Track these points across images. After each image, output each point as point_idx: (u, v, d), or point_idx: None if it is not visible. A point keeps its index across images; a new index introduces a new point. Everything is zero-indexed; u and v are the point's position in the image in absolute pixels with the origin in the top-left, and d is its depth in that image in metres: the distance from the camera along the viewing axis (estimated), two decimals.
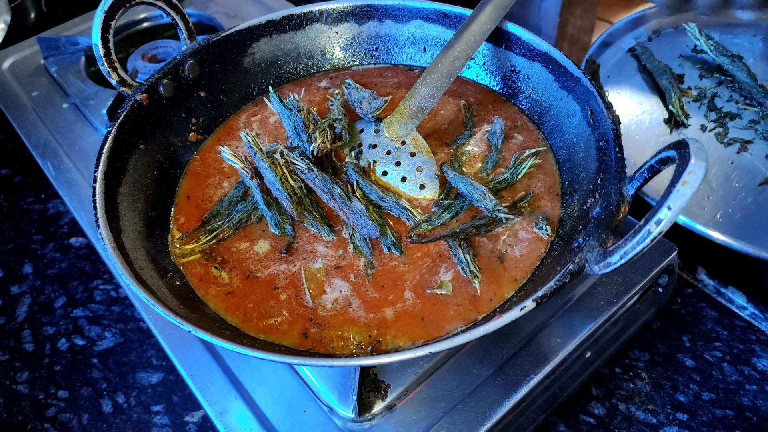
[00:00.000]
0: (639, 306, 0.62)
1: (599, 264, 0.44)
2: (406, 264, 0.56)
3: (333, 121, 0.63)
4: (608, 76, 0.81)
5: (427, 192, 0.61)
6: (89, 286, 0.75)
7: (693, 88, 0.78)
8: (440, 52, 0.64)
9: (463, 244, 0.56)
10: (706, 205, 0.65)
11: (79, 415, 0.63)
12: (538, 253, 0.56)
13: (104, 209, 0.54)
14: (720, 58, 0.80)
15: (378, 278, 0.55)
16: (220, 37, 0.69)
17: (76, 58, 0.94)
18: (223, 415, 0.55)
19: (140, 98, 0.63)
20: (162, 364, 0.66)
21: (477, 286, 0.53)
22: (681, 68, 0.81)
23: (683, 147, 0.41)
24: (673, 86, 0.76)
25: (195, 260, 0.58)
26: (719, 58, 0.80)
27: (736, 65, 0.78)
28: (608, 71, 0.81)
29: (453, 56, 0.63)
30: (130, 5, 0.64)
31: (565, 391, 0.59)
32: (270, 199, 0.59)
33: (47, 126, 0.85)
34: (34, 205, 0.85)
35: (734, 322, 0.65)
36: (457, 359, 0.56)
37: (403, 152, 0.63)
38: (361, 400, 0.52)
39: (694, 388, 0.61)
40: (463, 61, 0.63)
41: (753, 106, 0.75)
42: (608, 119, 0.53)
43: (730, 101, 0.76)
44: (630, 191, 0.47)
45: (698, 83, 0.79)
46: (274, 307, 0.54)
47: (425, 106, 0.63)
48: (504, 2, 0.65)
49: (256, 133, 0.67)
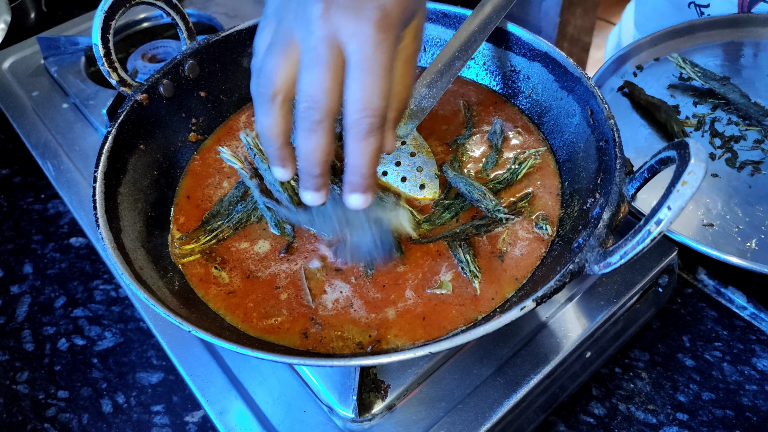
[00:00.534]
0: (639, 306, 0.62)
1: (599, 264, 0.44)
2: (407, 264, 0.56)
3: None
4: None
5: (427, 192, 0.61)
6: (89, 286, 0.75)
7: (691, 117, 0.78)
8: (440, 52, 0.64)
9: (463, 244, 0.56)
10: (739, 235, 0.65)
11: (79, 415, 0.63)
12: (538, 253, 0.56)
13: (104, 209, 0.54)
14: (710, 83, 0.80)
15: (379, 278, 0.55)
16: (220, 37, 0.69)
17: (76, 58, 0.94)
18: (223, 415, 0.55)
19: (140, 98, 0.63)
20: (162, 364, 0.66)
21: (477, 286, 0.53)
22: (674, 99, 0.81)
23: (683, 147, 0.41)
24: (672, 118, 0.76)
25: (195, 260, 0.58)
26: (709, 83, 0.80)
27: (728, 88, 0.78)
28: None
29: (453, 56, 0.63)
30: (130, 5, 0.64)
31: (565, 391, 0.60)
32: (270, 199, 0.59)
33: (47, 126, 0.85)
34: (34, 205, 0.85)
35: (734, 322, 0.65)
36: (457, 359, 0.56)
37: (403, 152, 0.63)
38: (361, 400, 0.52)
39: (694, 388, 0.61)
40: (463, 61, 0.63)
41: (754, 126, 0.75)
42: (608, 119, 0.53)
43: (729, 124, 0.76)
44: (630, 191, 0.47)
45: (694, 111, 0.79)
46: (274, 307, 0.54)
47: (425, 106, 0.63)
48: (504, 2, 0.65)
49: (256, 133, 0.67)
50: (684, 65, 0.81)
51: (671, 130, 0.75)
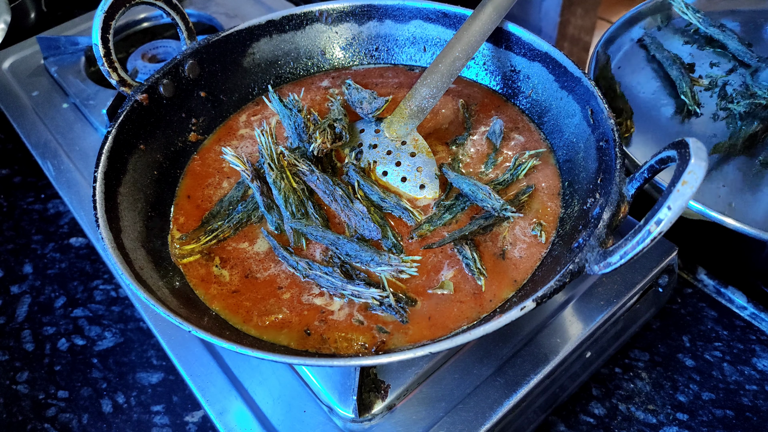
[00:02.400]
0: (639, 306, 0.62)
1: (599, 264, 0.44)
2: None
3: (333, 121, 0.63)
4: (618, 67, 0.81)
5: (426, 192, 0.61)
6: (89, 286, 0.75)
7: (704, 76, 0.78)
8: (441, 52, 0.64)
9: (471, 243, 0.56)
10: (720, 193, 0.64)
11: (79, 415, 0.63)
12: (538, 253, 0.56)
13: (104, 209, 0.54)
14: (710, 29, 0.81)
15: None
16: (220, 37, 0.69)
17: (76, 58, 0.94)
18: (223, 415, 0.55)
19: (140, 98, 0.63)
20: (162, 364, 0.66)
21: (482, 284, 0.53)
22: (691, 57, 0.81)
23: (683, 147, 0.41)
24: (683, 76, 0.76)
25: (195, 260, 0.58)
26: (709, 29, 0.80)
27: (726, 34, 0.79)
28: (618, 62, 0.81)
29: (453, 56, 0.63)
30: (130, 5, 0.64)
31: (565, 391, 0.60)
32: (271, 201, 0.59)
33: (47, 126, 0.85)
34: (34, 205, 0.85)
35: (734, 322, 0.65)
36: (457, 359, 0.56)
37: (403, 152, 0.63)
38: (361, 400, 0.52)
39: (694, 388, 0.61)
40: (464, 61, 0.63)
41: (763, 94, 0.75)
42: (608, 119, 0.53)
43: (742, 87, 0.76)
44: (630, 191, 0.47)
45: (709, 72, 0.79)
46: (274, 307, 0.54)
47: (426, 107, 0.63)
48: (504, 2, 0.65)
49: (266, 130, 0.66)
50: (686, 11, 0.82)
51: (679, 90, 0.75)
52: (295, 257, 0.56)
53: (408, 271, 0.53)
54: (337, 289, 0.53)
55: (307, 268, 0.55)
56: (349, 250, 0.55)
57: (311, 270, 0.55)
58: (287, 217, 0.58)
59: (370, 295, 0.52)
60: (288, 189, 0.59)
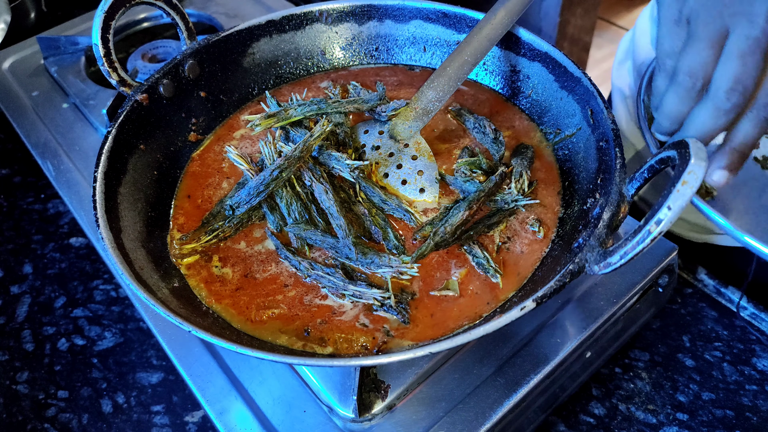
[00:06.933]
0: (639, 306, 0.62)
1: (599, 264, 0.44)
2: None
3: (335, 126, 0.63)
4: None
5: (426, 195, 0.60)
6: (89, 286, 0.75)
7: None
8: (449, 55, 0.63)
9: (478, 242, 0.56)
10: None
11: (79, 415, 0.63)
12: (538, 253, 0.56)
13: (104, 209, 0.54)
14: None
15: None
16: (220, 37, 0.69)
17: (76, 58, 0.94)
18: (223, 415, 0.55)
19: (140, 98, 0.63)
20: (162, 364, 0.66)
21: (499, 281, 0.53)
22: None
23: (683, 147, 0.41)
24: None
25: (195, 260, 0.58)
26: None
27: None
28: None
29: (462, 60, 0.63)
30: (130, 5, 0.64)
31: (565, 391, 0.60)
32: (272, 202, 0.59)
33: (47, 126, 0.85)
34: (34, 205, 0.85)
35: (734, 322, 0.65)
36: (457, 359, 0.56)
37: (405, 155, 0.63)
38: (361, 400, 0.52)
39: (694, 388, 0.61)
40: (472, 65, 0.63)
41: None
42: (608, 119, 0.53)
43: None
44: (630, 191, 0.47)
45: None
46: (274, 307, 0.54)
47: (431, 109, 0.63)
48: (517, 7, 0.63)
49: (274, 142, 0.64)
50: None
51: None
52: (297, 257, 0.56)
53: (409, 272, 0.53)
54: (339, 290, 0.53)
55: (309, 269, 0.55)
56: (349, 254, 0.55)
57: (313, 270, 0.55)
58: (289, 222, 0.58)
59: (371, 295, 0.52)
60: (290, 195, 0.59)
